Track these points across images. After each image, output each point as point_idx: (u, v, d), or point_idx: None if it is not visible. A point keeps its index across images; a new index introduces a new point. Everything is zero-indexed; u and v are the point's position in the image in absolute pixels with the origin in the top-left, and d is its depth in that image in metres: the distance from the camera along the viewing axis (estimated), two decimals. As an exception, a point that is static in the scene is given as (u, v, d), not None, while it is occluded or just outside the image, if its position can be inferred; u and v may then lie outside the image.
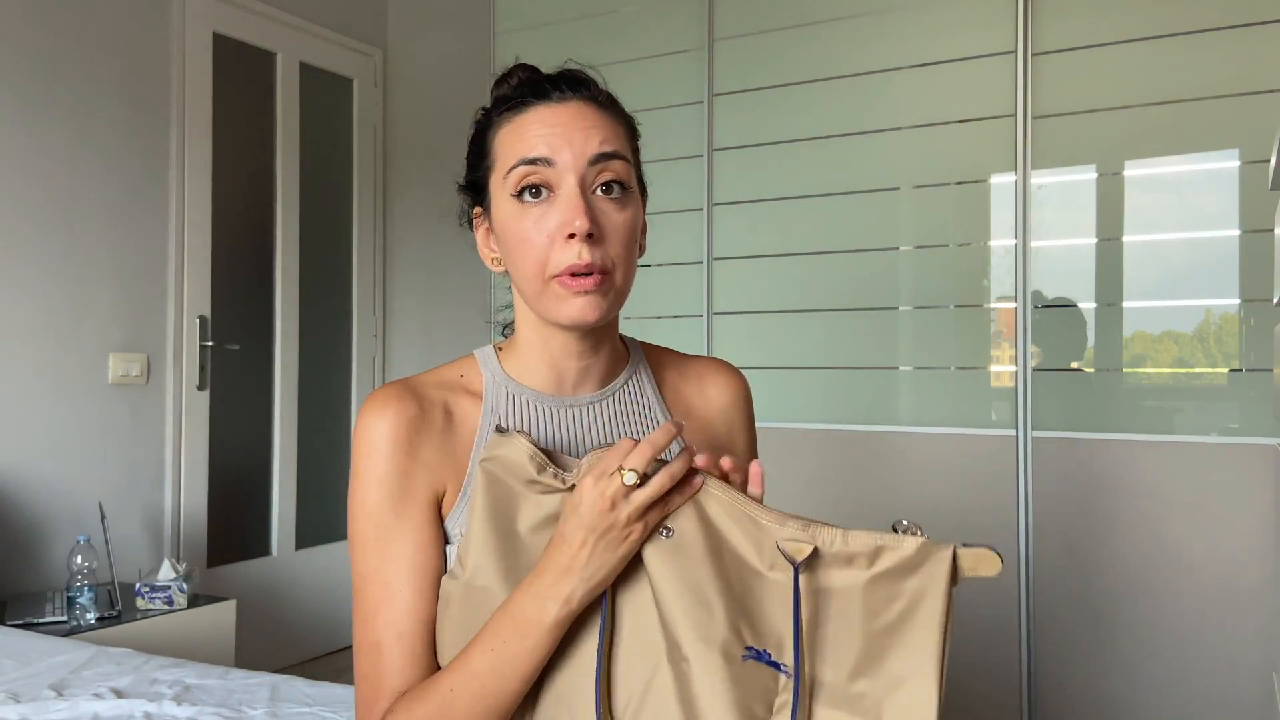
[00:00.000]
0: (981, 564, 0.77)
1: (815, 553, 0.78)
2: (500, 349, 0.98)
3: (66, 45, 2.89)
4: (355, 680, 0.89)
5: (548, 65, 0.95)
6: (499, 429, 0.85)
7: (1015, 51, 2.71)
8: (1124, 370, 2.64)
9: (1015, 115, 2.71)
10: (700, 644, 0.75)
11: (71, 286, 2.89)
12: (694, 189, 3.15)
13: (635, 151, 0.94)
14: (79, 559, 2.48)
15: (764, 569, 0.79)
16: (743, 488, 0.82)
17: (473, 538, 0.83)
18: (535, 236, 0.87)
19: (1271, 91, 2.44)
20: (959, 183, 2.82)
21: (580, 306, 0.86)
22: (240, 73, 3.46)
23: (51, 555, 2.81)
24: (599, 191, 0.87)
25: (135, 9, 3.08)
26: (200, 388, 3.24)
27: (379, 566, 0.87)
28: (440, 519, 0.89)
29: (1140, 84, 2.59)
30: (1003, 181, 2.75)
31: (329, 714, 1.58)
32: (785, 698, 0.76)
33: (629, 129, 0.94)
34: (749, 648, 0.77)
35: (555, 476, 0.82)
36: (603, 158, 0.87)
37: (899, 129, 2.88)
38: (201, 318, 3.24)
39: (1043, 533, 2.65)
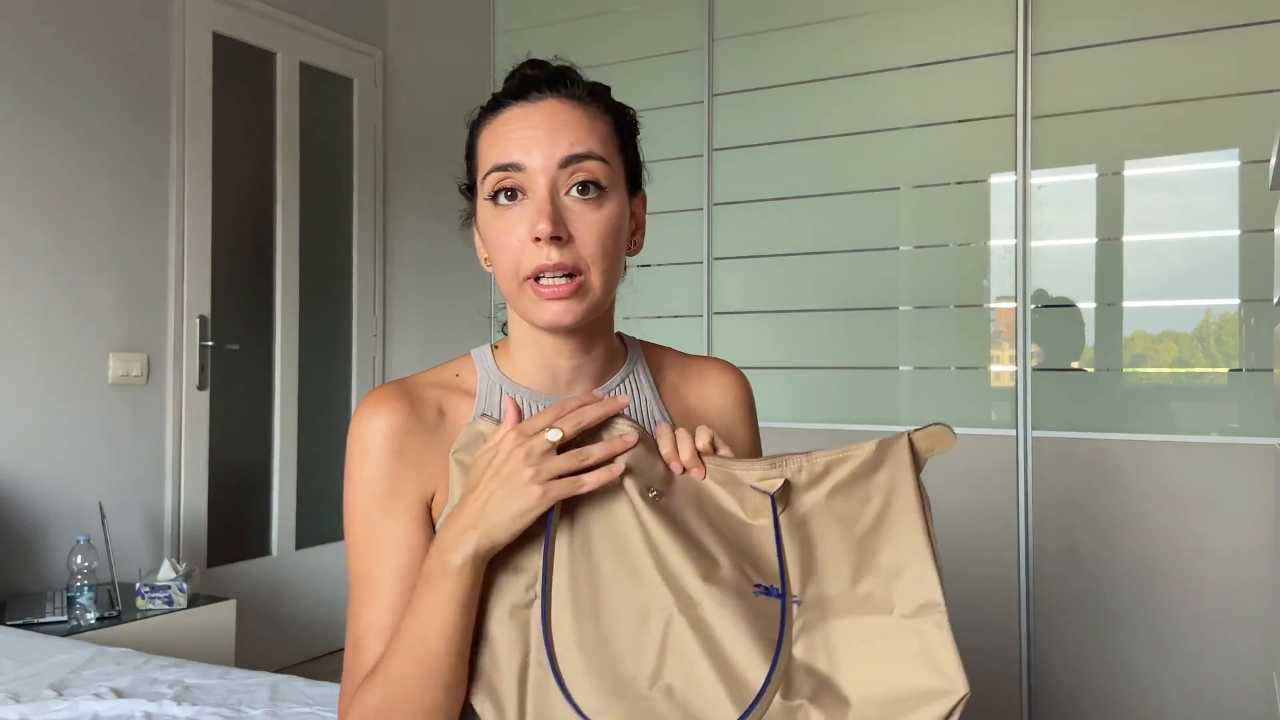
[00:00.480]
0: (937, 441, 0.82)
1: (787, 484, 0.81)
2: (496, 348, 0.98)
3: (66, 45, 2.89)
4: (343, 672, 0.90)
5: (547, 65, 0.95)
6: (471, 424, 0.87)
7: (1015, 51, 2.71)
8: (1124, 370, 2.64)
9: (1015, 115, 2.71)
10: (712, 586, 0.77)
11: (71, 286, 2.89)
12: (694, 189, 3.15)
13: (624, 146, 0.93)
14: (79, 559, 2.48)
15: (749, 519, 0.83)
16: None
17: None
18: (508, 240, 0.87)
19: (1271, 91, 2.44)
20: (959, 183, 2.82)
21: (555, 311, 0.86)
22: (240, 73, 3.46)
23: (51, 555, 2.81)
24: (574, 192, 0.87)
25: (135, 9, 3.08)
26: (200, 388, 3.24)
27: (367, 565, 0.88)
28: (430, 520, 0.90)
29: (1140, 84, 2.59)
30: (1003, 181, 2.75)
31: (329, 714, 1.58)
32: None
33: (615, 124, 0.92)
34: (757, 585, 0.79)
35: None
36: (573, 159, 0.86)
37: (899, 129, 2.88)
38: (201, 318, 3.24)
39: (1043, 533, 2.65)
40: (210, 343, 3.26)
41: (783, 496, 0.82)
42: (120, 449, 3.02)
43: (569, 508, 0.82)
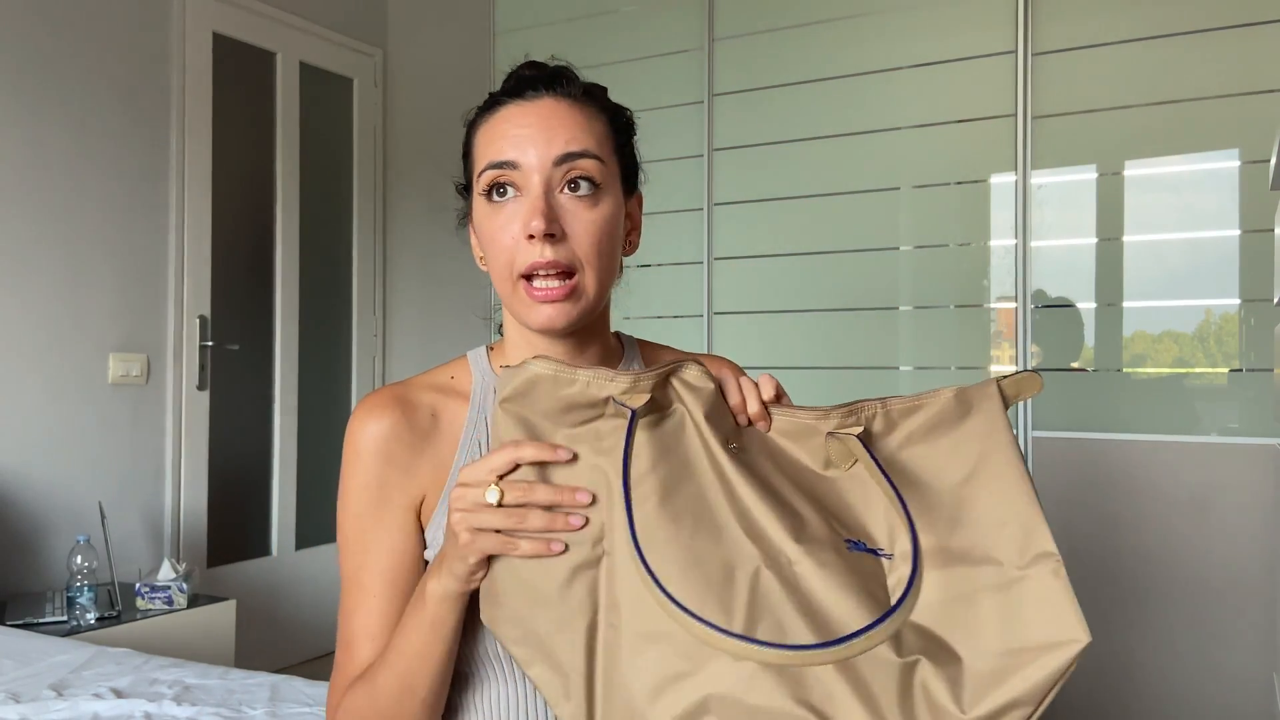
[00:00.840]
0: (1024, 387, 0.79)
1: (866, 432, 0.79)
2: (492, 349, 0.98)
3: (66, 45, 2.89)
4: (333, 668, 0.91)
5: (547, 65, 0.95)
6: (505, 368, 0.79)
7: (1015, 51, 2.71)
8: (1124, 370, 2.64)
9: (1015, 115, 2.71)
10: (809, 544, 0.73)
11: (71, 287, 2.89)
12: (694, 189, 3.15)
13: (621, 146, 0.93)
14: (79, 559, 2.48)
15: (820, 469, 0.79)
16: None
17: None
18: (502, 237, 0.87)
19: (1271, 91, 2.44)
20: (959, 183, 2.82)
21: (549, 314, 0.86)
22: (240, 73, 3.46)
23: (51, 555, 2.81)
24: (568, 190, 0.86)
25: (135, 9, 3.08)
26: (200, 388, 3.24)
27: (356, 569, 0.90)
28: (419, 526, 0.91)
29: (1140, 84, 2.59)
30: (1003, 181, 2.75)
31: (329, 714, 1.58)
32: (893, 579, 0.74)
33: (611, 123, 0.92)
34: (848, 540, 0.75)
35: (591, 382, 0.75)
36: (568, 158, 0.86)
37: (899, 129, 2.88)
38: (201, 318, 3.24)
39: (1043, 533, 2.64)
40: (210, 343, 3.26)
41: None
42: (120, 449, 3.02)
43: (657, 451, 0.76)
